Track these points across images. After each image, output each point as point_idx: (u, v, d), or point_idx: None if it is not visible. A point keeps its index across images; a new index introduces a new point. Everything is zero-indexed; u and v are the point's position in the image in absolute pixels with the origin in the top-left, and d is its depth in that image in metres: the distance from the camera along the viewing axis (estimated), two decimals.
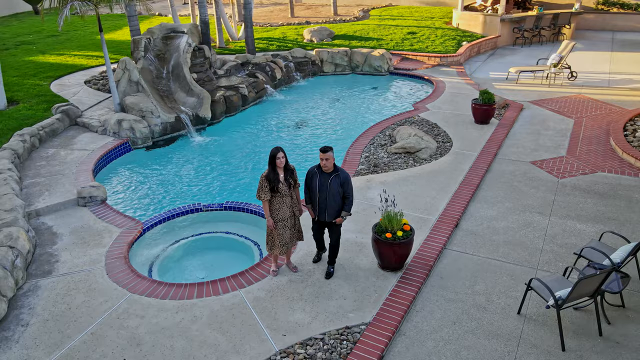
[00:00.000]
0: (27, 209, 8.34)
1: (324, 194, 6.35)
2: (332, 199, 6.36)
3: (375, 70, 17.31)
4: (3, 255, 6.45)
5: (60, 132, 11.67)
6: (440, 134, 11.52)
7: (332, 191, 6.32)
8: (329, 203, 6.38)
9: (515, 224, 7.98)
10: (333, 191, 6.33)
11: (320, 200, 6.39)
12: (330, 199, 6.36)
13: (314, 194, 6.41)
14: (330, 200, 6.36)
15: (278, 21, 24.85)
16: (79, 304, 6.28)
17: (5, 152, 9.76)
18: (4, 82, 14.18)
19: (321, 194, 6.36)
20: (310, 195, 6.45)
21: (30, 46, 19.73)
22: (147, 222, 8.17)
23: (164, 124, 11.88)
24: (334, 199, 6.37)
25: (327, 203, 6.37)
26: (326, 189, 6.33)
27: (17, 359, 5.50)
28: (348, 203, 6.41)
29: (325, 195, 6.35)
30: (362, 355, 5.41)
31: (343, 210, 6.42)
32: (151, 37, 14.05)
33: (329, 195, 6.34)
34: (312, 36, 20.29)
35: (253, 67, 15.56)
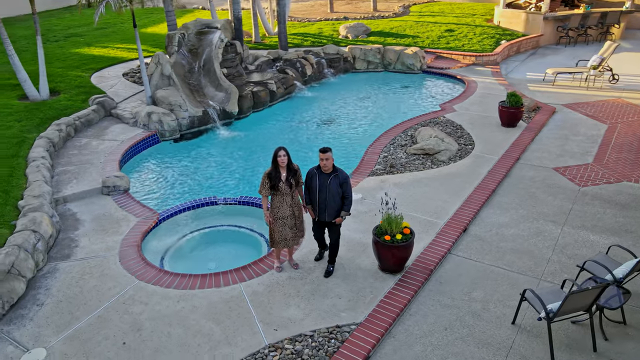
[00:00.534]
0: (55, 195, 8.87)
1: (323, 194, 6.46)
2: (331, 199, 6.47)
3: (408, 68, 17.17)
4: (25, 238, 6.93)
5: (95, 123, 12.27)
6: (464, 136, 11.37)
7: (331, 191, 6.43)
8: (329, 203, 6.48)
9: (525, 231, 7.84)
10: (332, 191, 6.43)
11: (320, 201, 6.51)
12: (330, 199, 6.47)
13: (313, 194, 6.54)
14: (329, 201, 6.47)
15: (316, 16, 24.97)
16: (90, 288, 6.69)
17: (42, 141, 10.37)
18: (50, 72, 15.00)
19: (321, 194, 6.48)
20: (310, 195, 6.58)
21: (79, 38, 20.70)
22: (164, 212, 8.53)
23: (192, 118, 12.27)
24: (333, 199, 6.48)
25: (326, 203, 6.48)
26: (325, 189, 6.44)
27: (29, 335, 5.94)
28: (347, 203, 6.51)
29: (325, 196, 6.46)
30: (348, 355, 5.52)
31: (342, 210, 6.52)
32: (186, 32, 14.49)
33: (328, 195, 6.45)
34: (348, 32, 20.30)
35: (284, 63, 15.77)
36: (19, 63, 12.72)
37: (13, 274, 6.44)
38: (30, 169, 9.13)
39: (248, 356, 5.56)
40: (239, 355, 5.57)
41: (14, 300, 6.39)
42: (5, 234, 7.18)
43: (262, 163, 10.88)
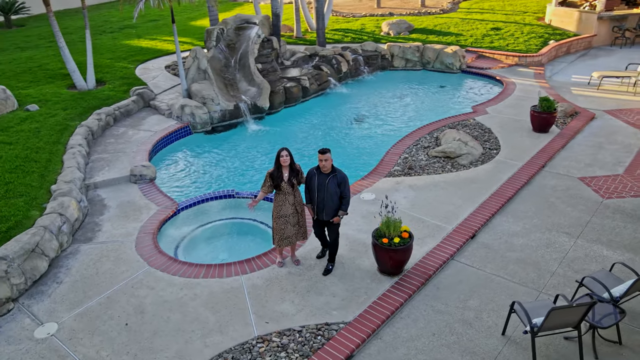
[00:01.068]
0: (87, 181, 9.51)
1: (322, 193, 6.63)
2: (329, 199, 6.63)
3: (447, 67, 16.92)
4: (52, 220, 7.52)
5: (133, 113, 12.94)
6: (490, 140, 11.17)
7: (329, 191, 6.58)
8: (327, 203, 6.65)
9: (535, 242, 7.70)
10: (330, 191, 6.59)
11: (318, 200, 6.69)
12: (328, 199, 6.63)
13: (312, 194, 6.72)
14: (327, 200, 6.64)
15: (362, 11, 24.92)
16: (105, 270, 7.19)
17: (81, 129, 11.09)
18: (99, 63, 15.91)
19: (319, 194, 6.65)
20: (310, 194, 6.76)
21: (132, 30, 21.70)
22: (183, 203, 8.96)
23: (223, 111, 12.70)
24: (331, 199, 6.63)
25: (324, 203, 6.65)
26: (324, 189, 6.61)
27: (45, 309, 6.49)
28: (345, 203, 6.65)
29: (323, 195, 6.63)
30: (331, 352, 5.70)
31: (340, 209, 6.66)
32: (225, 27, 14.93)
33: (326, 195, 6.62)
34: (390, 29, 20.19)
35: (320, 60, 15.94)
36: (69, 54, 13.57)
37: (37, 253, 7.02)
38: (67, 156, 9.81)
39: (236, 345, 5.84)
40: (228, 344, 5.87)
41: (37, 277, 6.97)
42: (35, 216, 7.81)
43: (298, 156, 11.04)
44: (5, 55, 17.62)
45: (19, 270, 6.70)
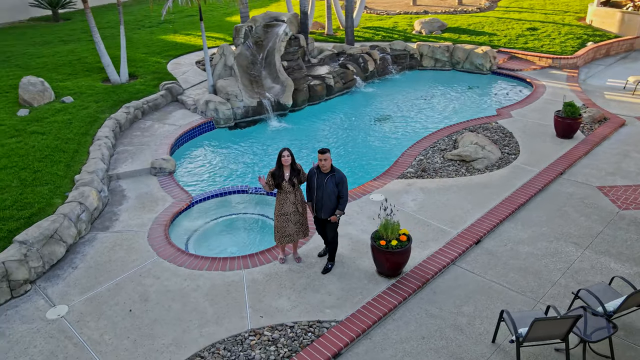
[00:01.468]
0: (110, 172, 9.98)
1: (320, 192, 6.79)
2: (327, 198, 6.78)
3: (477, 68, 16.68)
4: (71, 209, 7.98)
5: (161, 107, 13.41)
6: (510, 145, 11.01)
7: (327, 190, 6.73)
8: (325, 201, 6.81)
9: (541, 251, 7.60)
10: (328, 190, 6.74)
11: (317, 199, 6.85)
12: (326, 198, 6.79)
13: (311, 192, 6.90)
14: (325, 199, 6.79)
15: (397, 9, 24.75)
16: (117, 258, 7.58)
17: (110, 122, 11.61)
18: (134, 58, 16.51)
19: (318, 193, 6.82)
20: (309, 193, 6.94)
21: (169, 25, 22.34)
22: (197, 196, 9.29)
23: (246, 108, 12.99)
24: (329, 198, 6.78)
25: (322, 201, 6.81)
26: (322, 188, 6.76)
27: (58, 292, 6.92)
28: (342, 202, 6.79)
29: (322, 194, 6.79)
30: (319, 349, 5.86)
31: (337, 209, 6.79)
32: (254, 24, 15.21)
33: (324, 194, 6.77)
34: (422, 28, 20.01)
35: (347, 58, 16.01)
36: (104, 49, 14.17)
37: (55, 239, 7.48)
38: (93, 147, 10.32)
39: (229, 337, 6.09)
40: (222, 335, 6.12)
41: (54, 262, 7.43)
42: (57, 204, 8.29)
43: (306, 156, 11.27)
44: (49, 48, 18.51)
45: (38, 254, 7.16)
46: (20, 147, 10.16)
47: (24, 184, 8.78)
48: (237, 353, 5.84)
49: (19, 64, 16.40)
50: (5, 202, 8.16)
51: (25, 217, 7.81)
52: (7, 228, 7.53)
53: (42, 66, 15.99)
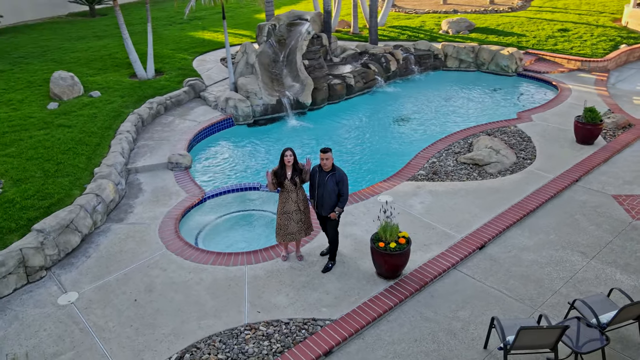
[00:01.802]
0: (130, 165, 10.36)
1: (321, 190, 6.95)
2: (327, 196, 6.93)
3: (502, 70, 16.43)
4: (88, 200, 8.35)
5: (184, 103, 13.77)
6: (527, 149, 10.85)
7: (328, 188, 6.88)
8: (325, 199, 6.96)
9: (545, 259, 7.53)
10: (329, 188, 6.89)
11: (318, 196, 7.02)
12: (326, 196, 6.94)
13: (313, 190, 7.06)
14: (326, 197, 6.94)
15: (426, 8, 24.53)
16: (128, 249, 7.90)
17: (133, 116, 12.01)
18: (162, 54, 16.96)
19: (319, 190, 6.97)
20: (312, 190, 7.09)
21: (198, 22, 22.79)
22: (210, 192, 9.55)
23: (265, 105, 13.21)
24: (329, 196, 6.93)
25: (323, 199, 6.96)
26: (323, 186, 6.91)
27: (70, 279, 7.28)
28: (342, 200, 6.93)
29: (322, 192, 6.95)
30: (311, 346, 6.01)
31: (337, 206, 6.91)
32: (277, 22, 15.40)
33: (325, 192, 6.93)
34: (449, 27, 19.80)
35: (369, 57, 16.02)
36: (132, 45, 14.63)
37: (71, 228, 7.85)
38: (114, 141, 10.72)
39: (226, 330, 6.30)
40: (218, 328, 6.33)
41: (69, 250, 7.81)
42: (76, 195, 8.68)
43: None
44: (83, 43, 19.19)
45: (54, 242, 7.54)
46: (47, 139, 10.65)
47: (47, 174, 9.22)
48: (231, 346, 6.04)
49: (54, 58, 17.09)
50: (28, 191, 8.60)
51: (45, 207, 8.22)
52: (27, 216, 7.95)
53: (75, 61, 16.62)
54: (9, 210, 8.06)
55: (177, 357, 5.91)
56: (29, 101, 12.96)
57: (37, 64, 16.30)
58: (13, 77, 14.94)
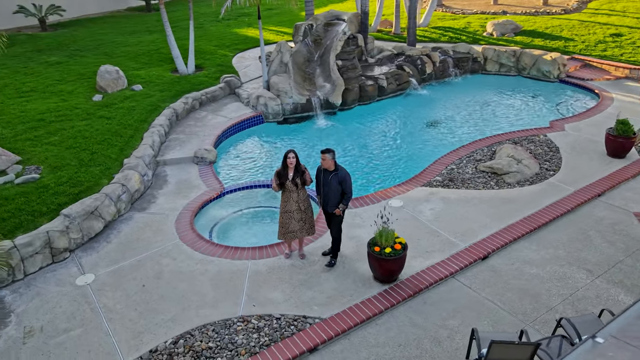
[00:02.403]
0: (159, 157, 10.96)
1: (326, 188, 7.24)
2: (331, 194, 7.20)
3: (543, 75, 15.96)
4: (113, 190, 8.97)
5: (219, 99, 14.32)
6: (552, 160, 10.60)
7: (331, 187, 7.14)
8: (330, 197, 7.24)
9: (548, 274, 7.42)
10: (332, 187, 7.15)
11: (323, 194, 7.30)
12: (330, 194, 7.20)
13: (319, 188, 7.33)
14: (330, 195, 7.21)
15: (475, 8, 24.03)
16: (145, 238, 8.45)
17: (167, 111, 12.65)
18: (205, 50, 17.64)
19: (324, 189, 7.26)
20: (317, 188, 7.37)
21: (245, 18, 23.41)
22: (229, 187, 9.98)
23: (295, 104, 13.52)
24: (333, 194, 7.19)
25: (328, 197, 7.23)
26: (328, 185, 7.17)
27: (90, 262, 7.90)
28: (346, 199, 7.20)
29: (327, 190, 7.21)
30: (297, 342, 6.27)
31: (341, 203, 7.13)
32: (315, 22, 15.66)
33: (329, 190, 7.19)
34: (494, 30, 19.37)
35: (404, 59, 15.99)
36: (174, 42, 15.34)
37: (95, 215, 8.48)
38: (147, 134, 11.36)
39: (220, 320, 6.67)
40: (214, 318, 6.71)
41: (92, 235, 8.44)
42: (104, 184, 9.33)
43: (341, 158, 11.54)
44: (135, 37, 20.22)
45: (78, 227, 8.19)
46: (87, 129, 11.44)
47: (81, 163, 9.95)
48: (223, 335, 6.41)
49: (107, 51, 18.14)
50: (62, 178, 9.33)
51: (75, 194, 8.91)
52: (58, 202, 8.64)
53: (124, 54, 17.59)
54: (43, 195, 8.79)
55: (172, 341, 6.34)
56: (77, 92, 13.90)
57: (90, 57, 17.37)
58: (67, 69, 16.03)
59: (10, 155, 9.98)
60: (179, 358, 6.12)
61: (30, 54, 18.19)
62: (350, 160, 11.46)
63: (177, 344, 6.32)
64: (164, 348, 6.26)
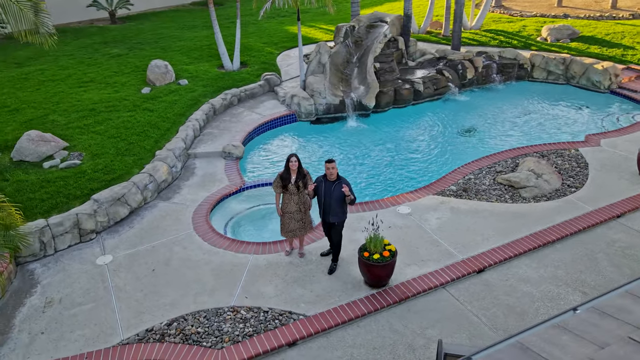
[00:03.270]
0: (190, 150, 11.70)
1: (328, 199, 7.47)
2: (335, 204, 7.45)
3: (593, 85, 15.31)
4: (141, 179, 9.76)
5: (257, 96, 14.92)
6: (578, 176, 10.31)
7: (334, 197, 7.39)
8: (332, 207, 7.48)
9: (541, 293, 7.37)
10: (335, 197, 7.40)
11: (325, 205, 7.54)
12: (334, 204, 7.46)
13: (320, 199, 7.59)
14: (333, 205, 7.46)
15: (535, 10, 23.18)
16: (163, 225, 9.17)
17: (206, 106, 13.40)
18: (252, 47, 18.33)
19: (326, 199, 7.50)
20: (317, 199, 7.64)
21: (285, 17, 23.87)
22: (249, 183, 10.53)
23: (328, 105, 13.87)
24: (336, 203, 7.45)
25: (330, 207, 7.49)
26: (330, 195, 7.44)
27: (112, 245, 8.71)
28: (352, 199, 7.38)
29: (330, 200, 7.47)
30: (277, 335, 6.70)
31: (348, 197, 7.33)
32: (357, 24, 15.89)
33: (332, 200, 7.45)
34: (549, 35, 18.70)
35: (446, 63, 15.86)
36: (221, 39, 16.09)
37: (121, 201, 9.30)
38: (182, 127, 12.14)
39: (214, 308, 7.21)
40: (209, 305, 7.27)
41: (117, 220, 9.27)
42: (134, 173, 10.15)
43: (366, 162, 11.73)
44: (192, 32, 21.28)
45: (105, 212, 9.03)
46: (130, 120, 12.39)
47: (118, 152, 10.85)
48: (212, 322, 6.95)
49: (164, 45, 19.28)
50: (99, 166, 10.26)
51: (107, 181, 9.78)
52: (91, 187, 9.55)
53: (179, 49, 18.62)
54: (79, 180, 9.73)
55: (166, 323, 6.96)
56: (129, 84, 14.98)
57: (148, 50, 18.54)
58: (125, 61, 17.24)
59: (59, 142, 11.06)
60: (169, 339, 6.72)
61: (97, 45, 19.67)
62: (371, 163, 11.67)
63: (170, 326, 6.93)
64: (159, 328, 6.89)
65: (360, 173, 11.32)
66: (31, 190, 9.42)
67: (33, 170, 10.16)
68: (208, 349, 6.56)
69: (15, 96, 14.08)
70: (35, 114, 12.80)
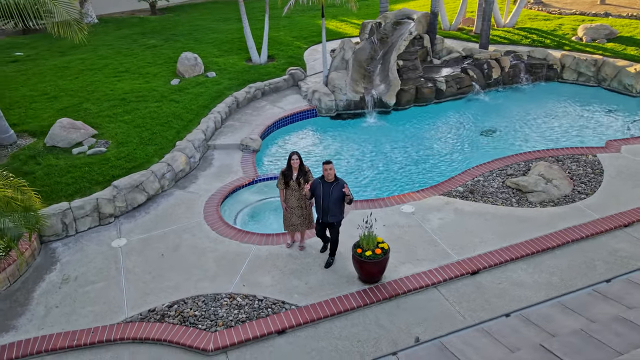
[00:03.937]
0: (210, 142, 12.21)
1: (326, 200, 7.74)
2: (333, 205, 7.72)
3: (625, 88, 14.90)
4: (159, 168, 10.32)
5: (281, 90, 15.29)
6: (591, 183, 10.18)
7: (333, 197, 7.66)
8: (331, 208, 7.75)
9: (532, 298, 7.44)
10: (334, 197, 7.67)
11: (323, 206, 7.79)
12: (332, 205, 7.73)
13: (318, 200, 7.84)
14: (332, 205, 7.73)
15: (575, 8, 22.50)
16: (176, 213, 9.69)
17: (229, 98, 13.87)
18: (282, 41, 18.70)
19: (324, 201, 7.76)
20: (315, 200, 7.90)
21: (330, 9, 24.04)
22: (261, 176, 10.93)
23: (348, 101, 14.08)
24: (334, 204, 7.72)
25: (329, 207, 7.75)
26: (328, 196, 7.71)
27: (128, 229, 9.30)
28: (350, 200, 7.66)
29: (328, 202, 7.73)
30: (267, 323, 7.07)
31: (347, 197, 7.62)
32: (384, 21, 15.97)
33: (330, 201, 7.71)
34: (585, 34, 18.19)
35: (471, 62, 15.75)
36: (249, 33, 16.52)
37: (139, 189, 9.88)
38: (204, 119, 12.65)
39: (212, 294, 7.66)
40: (208, 291, 7.72)
41: (135, 206, 9.85)
42: (154, 162, 10.72)
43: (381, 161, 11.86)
44: (226, 24, 21.83)
45: (123, 197, 9.63)
46: (156, 111, 13.00)
47: (141, 141, 11.46)
48: (209, 307, 7.40)
49: (197, 37, 19.91)
50: (122, 153, 10.89)
51: (128, 168, 10.38)
52: (112, 174, 10.17)
53: (211, 41, 19.19)
54: (103, 167, 10.38)
55: (168, 305, 7.46)
56: (160, 75, 15.63)
57: (181, 42, 19.21)
58: (159, 52, 17.95)
59: (88, 129, 11.77)
60: (169, 319, 7.21)
61: (135, 36, 20.50)
62: (386, 160, 11.83)
63: (171, 308, 7.42)
64: (160, 310, 7.40)
65: (373, 170, 11.52)
66: (59, 174, 10.13)
67: (63, 155, 10.89)
68: (202, 331, 7.01)
69: (55, 84, 14.96)
70: (71, 102, 13.60)
